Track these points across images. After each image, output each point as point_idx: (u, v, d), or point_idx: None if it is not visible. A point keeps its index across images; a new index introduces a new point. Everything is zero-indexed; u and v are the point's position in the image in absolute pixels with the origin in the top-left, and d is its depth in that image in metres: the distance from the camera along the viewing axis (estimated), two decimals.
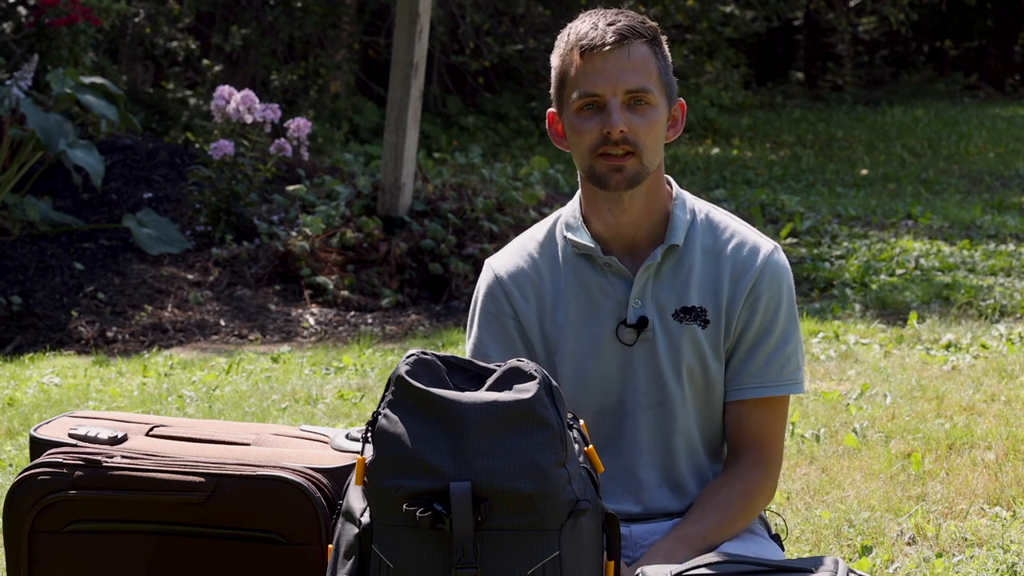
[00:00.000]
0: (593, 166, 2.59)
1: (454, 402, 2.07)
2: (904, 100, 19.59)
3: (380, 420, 2.10)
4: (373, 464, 2.08)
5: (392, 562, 2.04)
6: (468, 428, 2.06)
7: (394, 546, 2.05)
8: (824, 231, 9.43)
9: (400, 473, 2.05)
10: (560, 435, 2.09)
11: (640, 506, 2.63)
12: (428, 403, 2.07)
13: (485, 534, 2.04)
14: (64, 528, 2.48)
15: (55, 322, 7.36)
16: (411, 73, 8.13)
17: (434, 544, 2.04)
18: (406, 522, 2.04)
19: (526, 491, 2.04)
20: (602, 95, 2.55)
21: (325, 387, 5.88)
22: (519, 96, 14.77)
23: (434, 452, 2.05)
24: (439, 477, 2.04)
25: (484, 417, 2.06)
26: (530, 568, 2.04)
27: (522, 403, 2.07)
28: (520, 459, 2.05)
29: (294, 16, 13.03)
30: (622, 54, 2.56)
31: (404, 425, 2.07)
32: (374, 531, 2.07)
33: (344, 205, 8.33)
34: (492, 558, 2.03)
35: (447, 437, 2.06)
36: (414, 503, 2.03)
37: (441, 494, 2.03)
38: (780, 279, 2.65)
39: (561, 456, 2.08)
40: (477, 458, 2.05)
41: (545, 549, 2.05)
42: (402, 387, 2.09)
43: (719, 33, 16.57)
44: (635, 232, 2.65)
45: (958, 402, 5.17)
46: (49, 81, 8.23)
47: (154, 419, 2.68)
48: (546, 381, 2.11)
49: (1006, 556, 3.66)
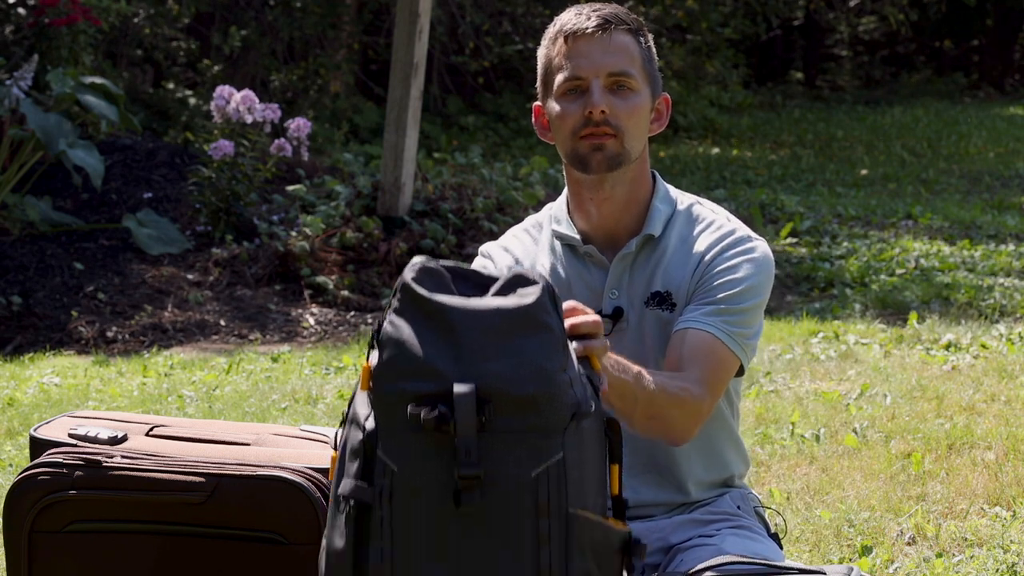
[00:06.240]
0: (575, 148, 2.63)
1: (458, 308, 2.07)
2: (904, 100, 19.59)
3: (385, 326, 2.10)
4: (378, 369, 2.09)
5: (396, 465, 2.05)
6: (472, 333, 2.06)
7: (398, 450, 2.05)
8: (824, 231, 9.43)
9: (404, 377, 2.05)
10: (562, 341, 2.10)
11: (633, 494, 2.64)
12: (432, 309, 2.08)
13: (489, 437, 2.03)
14: (64, 528, 2.49)
15: (55, 322, 7.36)
16: (411, 73, 8.14)
17: (438, 447, 2.03)
18: (410, 425, 2.04)
19: (530, 393, 2.04)
20: (585, 77, 2.59)
21: (325, 387, 5.88)
22: (519, 96, 14.77)
23: (438, 356, 2.05)
24: (443, 380, 2.03)
25: (488, 322, 2.07)
26: (534, 470, 2.04)
27: (525, 308, 2.08)
28: (524, 362, 2.05)
29: (294, 16, 13.03)
30: (604, 38, 2.60)
31: (409, 330, 2.07)
32: (379, 436, 2.07)
33: (344, 205, 8.33)
34: (496, 460, 2.03)
35: (451, 342, 2.06)
36: (418, 405, 2.04)
37: (445, 396, 2.03)
38: (750, 256, 2.63)
39: (563, 361, 2.09)
40: (481, 361, 2.04)
41: (549, 451, 2.05)
42: (407, 294, 2.10)
43: (719, 33, 16.57)
44: (616, 223, 2.68)
45: (958, 402, 5.17)
46: (49, 81, 8.23)
47: (154, 419, 2.68)
48: (549, 288, 2.12)
49: (1006, 556, 3.66)
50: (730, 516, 2.71)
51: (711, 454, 2.72)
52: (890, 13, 18.79)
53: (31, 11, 9.08)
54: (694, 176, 12.69)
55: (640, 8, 15.05)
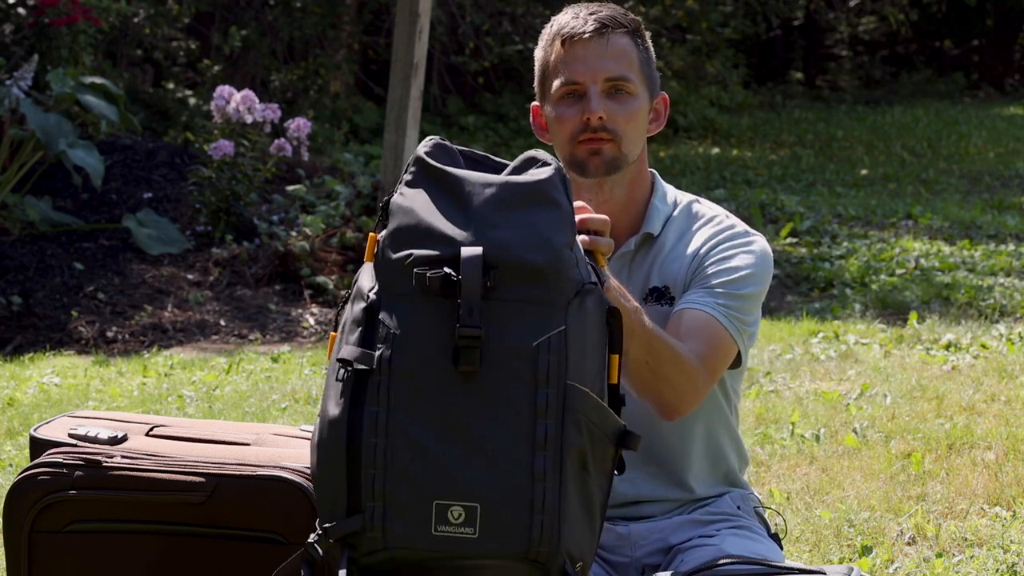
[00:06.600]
0: (573, 153, 2.62)
1: (470, 179, 2.10)
2: (904, 100, 19.58)
3: (395, 196, 2.12)
4: (387, 236, 2.10)
5: (398, 328, 2.05)
6: (483, 202, 2.07)
7: (401, 313, 2.06)
8: (824, 231, 9.43)
9: (413, 242, 2.07)
10: (570, 220, 2.11)
11: (631, 487, 2.63)
12: (445, 180, 2.09)
13: (493, 303, 2.04)
14: (64, 528, 2.48)
15: (55, 322, 7.36)
16: (411, 73, 8.14)
17: (441, 308, 2.04)
18: (415, 288, 2.05)
19: (537, 263, 2.05)
20: (582, 83, 2.59)
21: None
22: (519, 96, 14.76)
23: (448, 222, 2.06)
24: (451, 244, 2.05)
25: (499, 193, 2.08)
26: (535, 339, 2.04)
27: (537, 183, 2.10)
28: (532, 233, 2.06)
29: (294, 16, 13.03)
30: (601, 43, 2.60)
31: (421, 198, 2.09)
32: (382, 302, 2.07)
33: (344, 205, 8.33)
34: (498, 326, 2.03)
35: (461, 211, 2.07)
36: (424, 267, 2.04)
37: (452, 260, 2.04)
38: (748, 248, 2.64)
39: (570, 238, 2.10)
40: (490, 229, 2.06)
41: (551, 322, 2.05)
42: (421, 166, 2.12)
43: (719, 33, 16.57)
44: (615, 223, 2.67)
45: (958, 402, 5.17)
46: (49, 81, 8.23)
47: (154, 419, 2.68)
48: (560, 169, 2.13)
49: (1006, 556, 3.66)
50: (730, 516, 2.71)
51: (709, 449, 2.71)
52: (890, 13, 18.78)
53: (31, 11, 9.08)
54: (694, 176, 12.69)
55: (640, 8, 15.04)
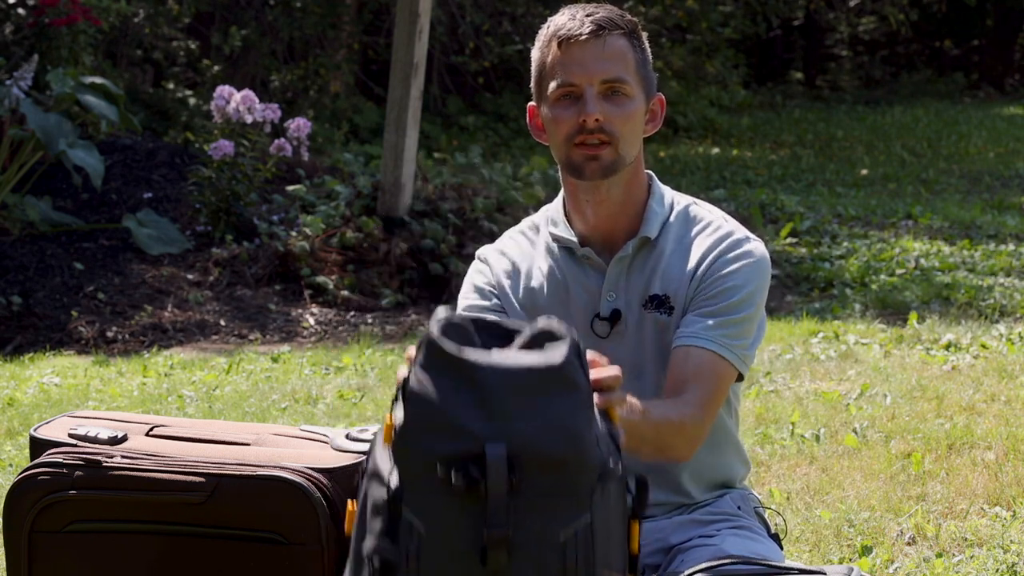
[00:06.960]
0: (569, 155, 2.62)
1: (487, 366, 2.04)
2: (904, 100, 19.59)
3: (412, 382, 2.07)
4: (405, 425, 2.05)
5: (424, 526, 2.03)
6: (501, 391, 2.02)
7: (425, 509, 2.02)
8: (824, 231, 9.43)
9: (432, 435, 2.02)
10: (589, 399, 2.08)
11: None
12: (460, 366, 2.04)
13: (518, 499, 2.00)
14: (64, 528, 2.48)
15: (55, 322, 7.36)
16: (411, 73, 8.14)
17: (466, 507, 2.00)
18: (438, 485, 2.00)
19: (561, 454, 2.01)
20: (579, 84, 2.58)
21: (325, 387, 5.88)
22: (519, 96, 14.77)
23: (468, 415, 2.01)
24: (473, 439, 2.00)
25: (516, 380, 2.03)
26: (563, 530, 2.01)
27: (556, 368, 2.04)
28: (554, 423, 2.02)
29: (294, 16, 13.03)
30: (598, 44, 2.59)
31: (436, 387, 2.03)
32: (404, 494, 2.03)
33: (344, 205, 8.33)
34: (524, 521, 2.00)
35: (479, 400, 2.03)
36: (447, 465, 2.01)
37: (475, 457, 2.00)
38: (747, 260, 2.64)
39: (590, 415, 2.06)
40: (510, 421, 2.01)
41: (577, 514, 2.02)
42: (433, 349, 2.07)
43: (719, 33, 16.57)
44: (613, 226, 2.68)
45: (958, 402, 5.17)
46: (49, 81, 8.23)
47: (154, 419, 2.68)
48: (575, 343, 2.10)
49: (1006, 556, 3.66)
50: (730, 516, 2.71)
51: (710, 457, 2.71)
52: (890, 13, 18.79)
53: (31, 11, 9.08)
54: (694, 176, 12.69)
55: (640, 8, 15.04)
